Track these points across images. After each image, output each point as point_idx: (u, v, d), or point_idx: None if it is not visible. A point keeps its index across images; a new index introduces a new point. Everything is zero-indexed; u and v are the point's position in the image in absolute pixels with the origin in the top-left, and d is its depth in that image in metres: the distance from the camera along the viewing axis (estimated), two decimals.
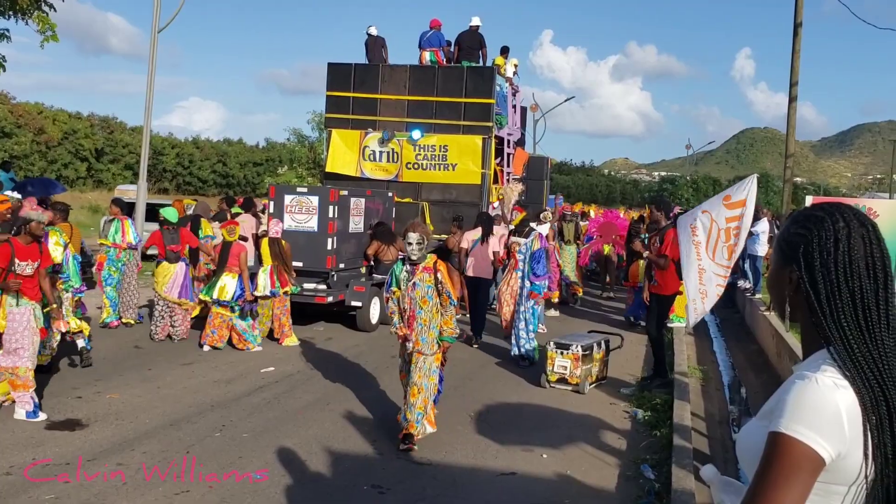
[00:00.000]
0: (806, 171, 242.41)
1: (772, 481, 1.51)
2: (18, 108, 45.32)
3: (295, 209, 11.49)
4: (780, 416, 1.56)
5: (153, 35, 17.85)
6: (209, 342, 10.06)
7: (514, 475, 6.05)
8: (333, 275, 11.60)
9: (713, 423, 8.07)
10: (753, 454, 1.61)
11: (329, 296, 11.39)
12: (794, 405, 1.55)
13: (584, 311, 15.04)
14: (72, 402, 7.36)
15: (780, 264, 1.77)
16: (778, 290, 1.79)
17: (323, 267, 11.50)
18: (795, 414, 1.54)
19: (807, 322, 1.71)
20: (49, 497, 5.12)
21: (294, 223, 11.40)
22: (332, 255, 11.51)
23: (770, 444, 1.56)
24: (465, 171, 15.00)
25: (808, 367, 1.63)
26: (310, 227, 11.43)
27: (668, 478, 5.73)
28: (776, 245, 1.81)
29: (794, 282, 1.72)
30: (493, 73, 15.35)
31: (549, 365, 8.75)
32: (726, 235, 7.53)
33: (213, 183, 58.87)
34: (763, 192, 78.46)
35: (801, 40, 18.19)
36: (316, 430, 6.89)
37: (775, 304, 1.87)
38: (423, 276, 6.53)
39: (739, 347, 12.62)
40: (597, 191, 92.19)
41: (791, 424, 1.53)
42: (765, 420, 1.64)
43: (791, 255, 1.72)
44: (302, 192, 11.78)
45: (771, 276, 1.82)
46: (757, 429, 1.66)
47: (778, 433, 1.54)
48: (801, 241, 1.70)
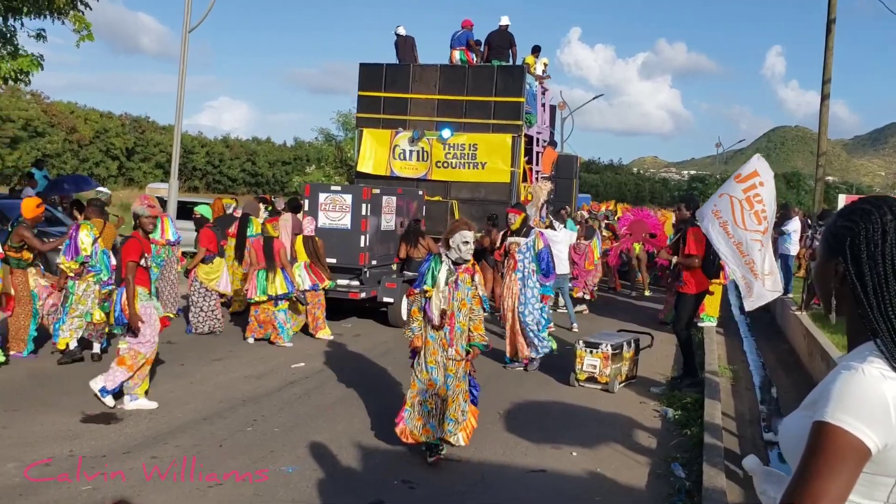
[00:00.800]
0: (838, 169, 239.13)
1: (815, 471, 1.51)
2: (51, 108, 46.06)
3: (329, 207, 11.73)
4: (824, 405, 1.55)
5: (184, 34, 18.03)
6: (257, 334, 10.35)
7: (544, 472, 6.05)
8: (366, 271, 11.81)
9: (743, 423, 8.01)
10: (797, 445, 1.60)
11: (362, 292, 11.61)
12: (840, 395, 1.55)
13: (615, 310, 14.97)
14: None
15: (826, 257, 1.77)
16: (824, 283, 1.79)
17: (356, 264, 11.72)
18: (841, 403, 1.53)
19: (853, 314, 1.71)
20: (86, 489, 5.22)
21: (328, 221, 11.63)
22: (364, 252, 11.73)
23: (814, 433, 1.55)
24: (494, 170, 15.02)
25: (855, 358, 1.62)
26: (343, 224, 11.68)
27: (699, 476, 5.71)
28: (822, 238, 1.81)
29: (839, 274, 1.72)
30: (523, 71, 15.36)
31: (578, 364, 8.73)
32: (749, 203, 7.72)
33: (243, 181, 59.39)
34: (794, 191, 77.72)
35: (834, 37, 17.98)
36: (346, 426, 6.95)
37: (821, 296, 1.86)
38: (464, 276, 6.26)
39: (770, 347, 12.50)
40: (625, 189, 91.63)
41: (836, 414, 1.52)
42: (808, 410, 1.63)
43: (837, 247, 1.72)
44: (336, 191, 12.02)
45: (817, 269, 1.83)
46: (800, 419, 1.66)
47: (823, 423, 1.54)
48: (848, 234, 1.70)
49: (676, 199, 20.47)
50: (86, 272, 8.64)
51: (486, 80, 15.24)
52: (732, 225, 7.84)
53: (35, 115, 43.22)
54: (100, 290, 8.78)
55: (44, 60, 13.66)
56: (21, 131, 41.50)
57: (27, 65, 13.24)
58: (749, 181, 7.87)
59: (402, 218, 13.04)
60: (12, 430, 6.31)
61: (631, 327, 11.00)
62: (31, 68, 13.32)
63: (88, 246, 8.55)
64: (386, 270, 12.46)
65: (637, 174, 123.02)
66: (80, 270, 8.61)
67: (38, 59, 13.54)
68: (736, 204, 7.86)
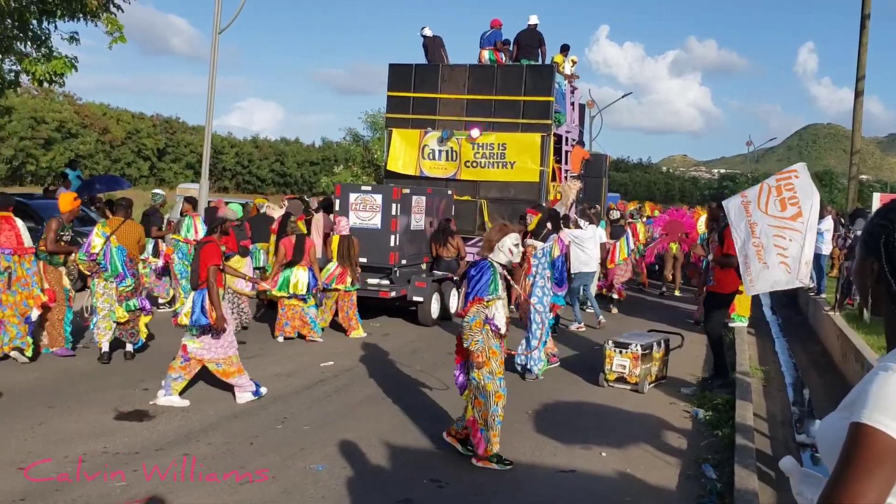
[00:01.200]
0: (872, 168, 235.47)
1: (852, 473, 1.49)
2: (84, 109, 46.74)
3: (359, 207, 11.86)
4: (862, 406, 1.53)
5: (214, 36, 18.20)
6: (285, 333, 10.46)
7: (574, 473, 6.03)
8: (396, 271, 11.94)
9: (775, 424, 7.92)
10: (834, 446, 1.58)
11: (392, 291, 11.74)
12: (878, 396, 1.52)
13: (645, 310, 14.86)
14: (139, 393, 7.57)
15: (863, 255, 1.77)
16: (861, 282, 1.79)
17: (386, 263, 11.84)
18: (879, 404, 1.51)
19: (889, 313, 1.70)
20: (119, 485, 5.28)
21: (358, 220, 11.75)
22: (395, 251, 11.86)
23: (851, 435, 1.53)
24: (523, 169, 14.98)
25: (893, 359, 1.59)
26: (373, 224, 11.80)
27: (731, 478, 5.65)
28: (861, 237, 1.81)
29: (875, 272, 1.71)
30: (553, 70, 15.32)
31: (608, 364, 8.67)
32: (777, 191, 7.74)
33: (271, 181, 59.86)
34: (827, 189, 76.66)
35: (868, 33, 17.73)
36: (374, 424, 6.97)
37: (859, 295, 1.86)
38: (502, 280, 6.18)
39: (802, 348, 12.35)
40: (655, 188, 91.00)
41: (874, 415, 1.50)
42: (846, 412, 1.61)
43: (872, 245, 1.72)
44: (366, 191, 12.14)
45: (855, 268, 1.82)
46: (837, 420, 1.64)
47: (860, 424, 1.52)
48: (883, 232, 1.70)
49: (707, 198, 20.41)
50: (100, 269, 8.79)
51: (516, 79, 15.21)
52: (754, 205, 7.86)
53: (68, 116, 43.90)
54: (117, 288, 8.89)
55: (77, 62, 13.86)
56: (55, 133, 42.16)
57: (61, 67, 13.45)
58: (786, 174, 7.96)
59: (432, 217, 13.16)
60: (47, 427, 6.42)
61: (661, 327, 10.91)
62: (64, 70, 13.53)
63: (98, 244, 8.69)
64: (416, 270, 12.59)
65: (666, 173, 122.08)
66: (92, 268, 8.76)
67: (72, 60, 13.74)
68: (765, 189, 7.92)
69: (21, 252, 8.54)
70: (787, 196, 7.68)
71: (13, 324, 8.46)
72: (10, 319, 8.44)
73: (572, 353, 10.55)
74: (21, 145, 39.66)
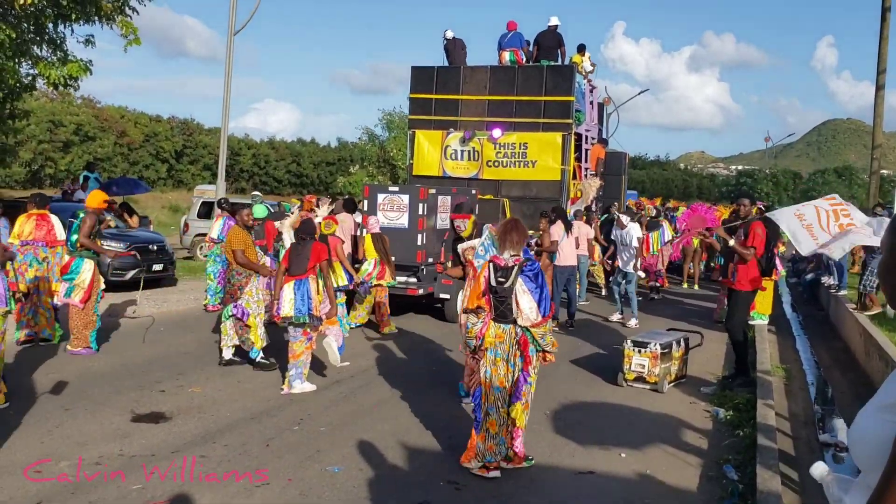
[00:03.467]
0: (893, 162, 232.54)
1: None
2: (102, 112, 46.96)
3: (387, 207, 12.19)
4: None
5: (229, 38, 18.25)
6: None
7: (592, 474, 5.95)
8: (423, 269, 12.21)
9: (798, 424, 7.81)
10: (876, 450, 1.50)
11: (419, 288, 12.09)
12: None
13: (664, 308, 14.75)
14: (156, 395, 7.57)
15: (892, 250, 1.69)
16: (891, 280, 1.71)
17: (413, 261, 12.14)
18: None
19: None
20: (136, 487, 5.27)
21: (386, 220, 12.05)
22: (421, 250, 12.16)
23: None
24: (544, 168, 15.29)
25: None
26: (401, 223, 12.12)
27: (753, 479, 5.55)
28: (889, 232, 1.73)
29: None
30: (573, 71, 15.64)
31: (627, 363, 8.59)
32: (835, 216, 7.91)
33: (288, 182, 59.98)
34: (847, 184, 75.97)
35: (889, 25, 17.49)
36: (391, 425, 6.92)
37: (887, 293, 1.76)
38: None
39: (824, 345, 12.20)
40: (672, 185, 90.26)
41: None
42: (889, 414, 1.52)
43: None
44: (394, 191, 12.50)
45: (882, 266, 1.74)
46: (878, 422, 1.55)
47: None
48: None
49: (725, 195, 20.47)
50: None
51: (536, 79, 15.50)
52: (817, 227, 7.96)
53: (86, 119, 44.11)
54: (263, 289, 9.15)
55: (93, 66, 13.91)
56: (73, 136, 42.42)
57: (76, 70, 13.51)
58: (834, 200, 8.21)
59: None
60: (65, 429, 6.41)
61: (680, 325, 10.81)
62: (79, 74, 13.60)
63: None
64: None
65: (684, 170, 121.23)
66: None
67: (87, 64, 13.79)
68: (822, 213, 7.99)
69: (53, 244, 9.69)
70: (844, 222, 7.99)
71: (47, 308, 9.40)
72: (46, 304, 9.40)
73: (591, 353, 10.47)
74: (39, 148, 39.91)
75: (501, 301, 5.78)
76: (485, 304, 5.85)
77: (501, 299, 5.78)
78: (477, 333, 5.85)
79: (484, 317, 5.86)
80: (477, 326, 5.86)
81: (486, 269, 5.92)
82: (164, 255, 14.88)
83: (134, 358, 8.99)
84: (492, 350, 5.81)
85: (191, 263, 18.46)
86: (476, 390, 5.92)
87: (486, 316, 5.86)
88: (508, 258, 5.86)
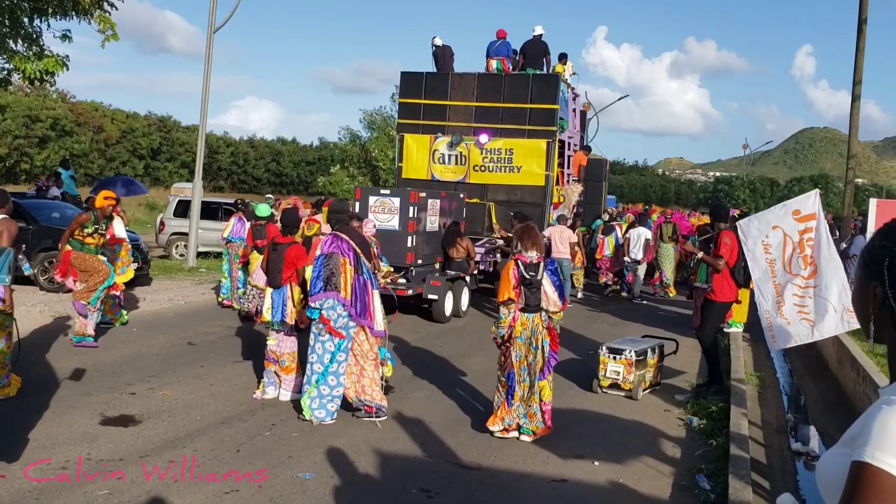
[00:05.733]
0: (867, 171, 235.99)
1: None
2: (79, 107, 46.55)
3: (378, 209, 12.56)
4: (864, 444, 1.44)
5: (209, 35, 18.10)
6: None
7: (566, 482, 5.93)
8: (412, 270, 12.56)
9: (770, 432, 7.85)
10: (835, 484, 1.49)
11: (408, 289, 12.30)
12: (881, 433, 1.42)
13: (640, 315, 14.80)
14: (126, 398, 7.46)
15: (864, 280, 1.66)
16: (862, 307, 1.68)
17: (403, 262, 12.46)
18: (882, 443, 1.41)
19: (892, 341, 1.59)
20: (103, 493, 5.18)
21: (377, 222, 12.24)
22: (411, 251, 12.53)
23: (854, 474, 1.44)
24: (529, 174, 15.76)
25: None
26: (391, 226, 12.49)
27: (725, 489, 5.55)
28: (860, 260, 1.71)
29: (878, 297, 1.61)
30: (558, 80, 16.32)
31: (602, 370, 8.59)
32: (801, 247, 7.65)
33: (267, 181, 59.75)
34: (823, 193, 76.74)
35: (865, 38, 17.66)
36: (365, 431, 6.87)
37: (860, 321, 1.73)
38: None
39: (798, 354, 12.26)
40: (650, 191, 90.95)
41: (877, 454, 1.41)
42: (847, 448, 1.51)
43: (875, 269, 1.62)
44: (385, 194, 12.84)
45: (855, 293, 1.72)
46: (838, 457, 1.54)
47: (863, 463, 1.42)
48: (886, 255, 1.59)
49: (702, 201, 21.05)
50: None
51: (522, 87, 15.95)
52: (779, 264, 7.74)
53: (63, 114, 43.68)
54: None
55: (69, 61, 13.74)
56: (49, 131, 41.96)
57: (52, 65, 13.33)
58: (807, 222, 7.68)
59: (445, 219, 13.86)
60: (34, 432, 6.29)
61: (656, 333, 10.84)
62: (56, 69, 13.41)
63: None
64: (430, 269, 13.22)
65: (662, 175, 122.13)
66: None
67: (64, 59, 13.61)
68: (789, 245, 7.73)
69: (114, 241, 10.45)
70: (809, 253, 7.59)
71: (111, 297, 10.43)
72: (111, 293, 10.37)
73: (567, 358, 10.46)
74: (15, 143, 39.44)
75: (533, 292, 6.74)
76: (515, 297, 6.71)
77: (534, 290, 6.74)
78: (510, 322, 6.73)
79: (513, 308, 6.73)
80: (509, 318, 6.74)
81: (514, 267, 6.77)
82: (139, 254, 14.72)
83: (105, 359, 8.87)
84: (521, 337, 6.75)
85: (166, 262, 18.30)
86: (510, 371, 6.77)
87: (515, 308, 6.73)
88: (534, 256, 6.82)
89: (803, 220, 7.74)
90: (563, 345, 11.13)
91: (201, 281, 15.89)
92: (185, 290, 14.51)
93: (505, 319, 6.76)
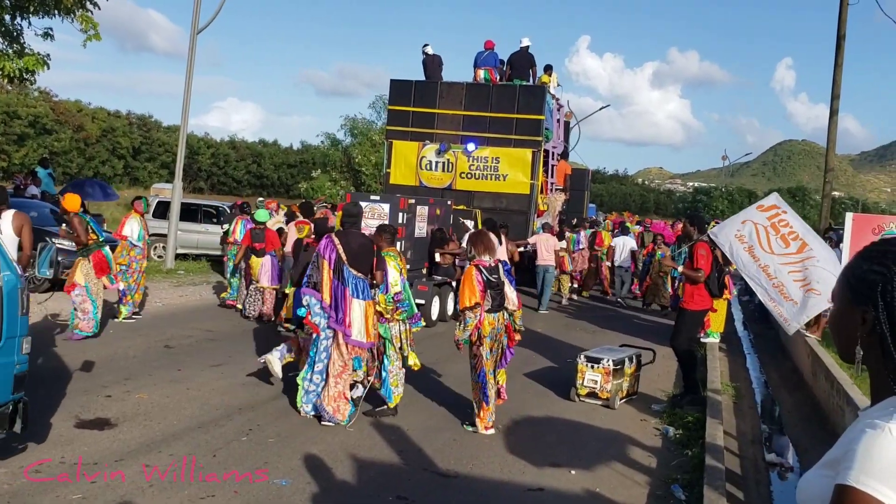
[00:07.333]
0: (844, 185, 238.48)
1: None
2: (59, 106, 46.11)
3: (368, 216, 12.56)
4: (848, 467, 1.43)
5: (192, 35, 18.02)
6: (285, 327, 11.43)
7: (542, 491, 5.95)
8: None
9: (745, 442, 7.92)
10: (815, 502, 1.50)
11: None
12: (865, 456, 1.42)
13: (618, 324, 14.88)
14: (102, 400, 7.40)
15: (849, 304, 1.63)
16: (847, 332, 1.65)
17: None
18: (866, 466, 1.41)
19: (878, 366, 1.58)
20: (76, 496, 5.13)
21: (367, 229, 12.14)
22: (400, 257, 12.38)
23: (837, 497, 1.44)
24: (515, 182, 16.12)
25: (880, 415, 1.48)
26: None
27: (700, 499, 5.60)
28: (843, 283, 1.67)
29: (868, 322, 1.58)
30: (544, 91, 16.66)
31: (579, 378, 8.63)
32: (774, 229, 7.97)
33: (248, 183, 59.41)
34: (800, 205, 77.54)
35: (843, 53, 17.90)
36: (342, 437, 6.86)
37: (841, 345, 1.71)
38: None
39: (774, 365, 12.40)
40: (630, 200, 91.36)
41: (861, 477, 1.40)
42: (830, 470, 1.52)
43: (866, 293, 1.59)
44: (375, 200, 12.99)
45: (836, 317, 1.69)
46: (820, 478, 1.54)
47: (847, 486, 1.42)
48: (879, 280, 1.57)
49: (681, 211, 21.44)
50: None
51: (509, 98, 16.26)
52: (758, 249, 7.94)
53: (43, 112, 43.25)
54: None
55: (50, 59, 13.64)
56: (28, 128, 41.55)
57: (33, 64, 13.22)
58: (771, 210, 8.12)
59: (434, 226, 14.02)
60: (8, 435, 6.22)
61: (634, 342, 10.90)
62: (36, 67, 13.31)
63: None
64: (418, 274, 13.33)
65: (642, 185, 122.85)
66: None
67: (45, 58, 13.51)
68: (761, 230, 8.02)
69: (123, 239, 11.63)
70: (786, 232, 7.89)
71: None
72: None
73: (544, 366, 10.50)
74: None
75: (498, 293, 7.11)
76: (481, 300, 6.99)
77: (498, 292, 7.11)
78: (476, 325, 7.01)
79: (478, 312, 6.99)
80: (475, 321, 6.99)
81: (476, 272, 7.05)
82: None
83: (81, 361, 8.78)
84: (490, 336, 7.10)
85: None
86: (481, 370, 7.14)
87: (480, 310, 7.00)
88: (489, 260, 7.18)
89: (768, 210, 8.17)
90: (541, 353, 11.30)
91: (179, 283, 15.79)
92: (163, 293, 14.41)
93: (472, 323, 7.01)
